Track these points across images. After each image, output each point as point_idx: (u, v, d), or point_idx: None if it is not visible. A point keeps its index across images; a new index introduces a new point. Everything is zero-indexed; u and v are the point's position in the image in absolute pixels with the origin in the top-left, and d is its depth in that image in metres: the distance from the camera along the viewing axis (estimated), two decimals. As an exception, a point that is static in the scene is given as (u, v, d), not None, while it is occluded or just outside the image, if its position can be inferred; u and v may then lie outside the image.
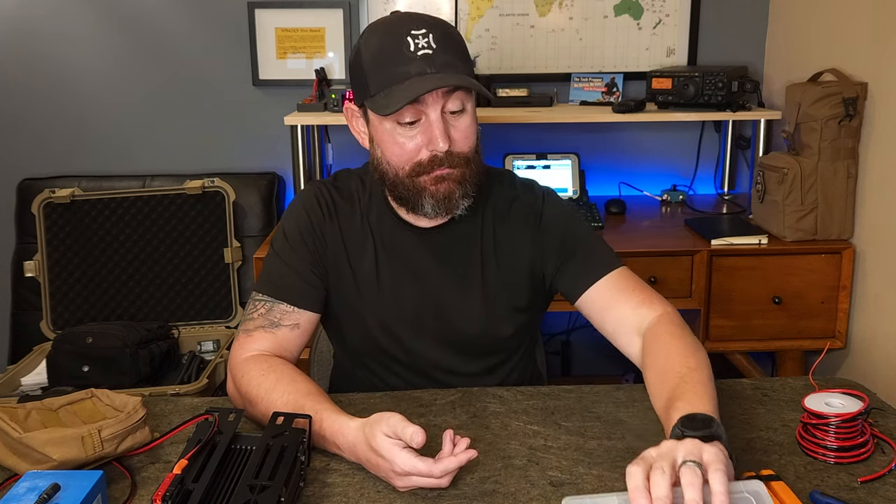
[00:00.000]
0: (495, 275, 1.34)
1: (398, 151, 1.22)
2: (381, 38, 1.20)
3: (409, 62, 1.17)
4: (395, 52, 1.17)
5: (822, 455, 1.09)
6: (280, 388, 1.16)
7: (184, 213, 2.50)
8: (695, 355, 1.16)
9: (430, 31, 1.18)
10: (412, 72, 1.16)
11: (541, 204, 1.37)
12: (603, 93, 2.63)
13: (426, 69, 1.16)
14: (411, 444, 0.99)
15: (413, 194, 1.24)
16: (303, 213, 1.34)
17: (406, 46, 1.17)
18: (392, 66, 1.17)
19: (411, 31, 1.17)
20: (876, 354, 2.11)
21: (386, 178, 1.26)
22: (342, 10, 2.63)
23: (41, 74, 2.67)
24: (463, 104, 1.22)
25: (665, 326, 1.24)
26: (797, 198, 2.15)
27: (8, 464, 1.06)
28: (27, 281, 2.51)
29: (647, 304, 1.28)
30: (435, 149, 1.20)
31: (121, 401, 1.15)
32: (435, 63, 1.17)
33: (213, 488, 0.95)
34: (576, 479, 1.05)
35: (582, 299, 1.33)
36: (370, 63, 1.20)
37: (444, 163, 1.21)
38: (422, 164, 1.22)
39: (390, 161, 1.24)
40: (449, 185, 1.23)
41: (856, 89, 2.10)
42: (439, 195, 1.23)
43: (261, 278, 1.34)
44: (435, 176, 1.22)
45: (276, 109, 2.63)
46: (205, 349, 2.38)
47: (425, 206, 1.25)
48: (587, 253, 1.34)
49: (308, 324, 1.31)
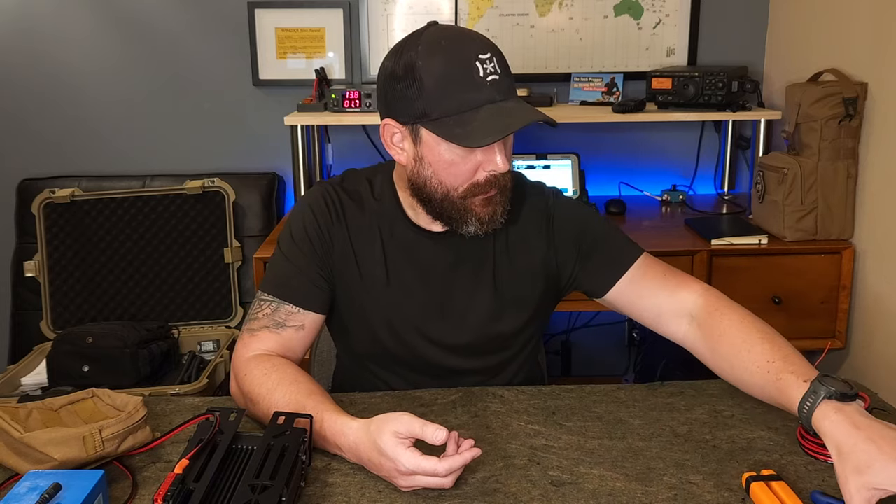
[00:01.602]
0: (506, 277, 1.34)
1: (455, 173, 1.20)
2: (446, 60, 1.15)
3: (479, 89, 1.15)
4: (464, 77, 1.15)
5: (822, 455, 1.09)
6: (282, 387, 1.16)
7: (184, 213, 2.50)
8: (760, 322, 1.23)
9: (494, 56, 1.17)
10: (482, 99, 1.15)
11: (551, 204, 1.37)
12: (603, 93, 2.63)
13: (495, 96, 1.16)
14: (434, 441, 0.99)
15: (461, 214, 1.24)
16: (310, 213, 1.33)
17: (476, 72, 1.15)
18: (462, 91, 1.15)
19: (479, 55, 1.16)
20: (876, 354, 2.11)
21: (433, 197, 1.24)
22: (342, 10, 2.63)
23: (41, 74, 2.67)
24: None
25: (715, 302, 1.28)
26: (797, 198, 2.16)
27: (9, 463, 1.06)
28: (27, 281, 2.51)
29: (684, 286, 1.31)
30: (496, 170, 1.20)
31: (122, 401, 1.15)
32: (501, 89, 1.17)
33: (215, 488, 0.95)
34: (577, 479, 1.06)
35: (611, 294, 1.34)
36: (434, 86, 1.15)
37: (497, 184, 1.22)
38: (478, 185, 1.21)
39: (444, 181, 1.22)
40: (494, 207, 1.24)
41: (856, 89, 2.10)
42: (485, 217, 1.24)
43: (266, 278, 1.34)
44: (486, 197, 1.22)
45: (276, 109, 2.63)
46: (205, 349, 2.38)
47: (469, 227, 1.25)
48: (607, 247, 1.35)
49: (313, 325, 1.30)
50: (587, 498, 1.02)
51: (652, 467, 1.08)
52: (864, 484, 0.92)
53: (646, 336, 2.72)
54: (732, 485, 1.04)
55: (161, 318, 2.47)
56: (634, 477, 1.06)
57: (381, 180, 1.35)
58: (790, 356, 1.14)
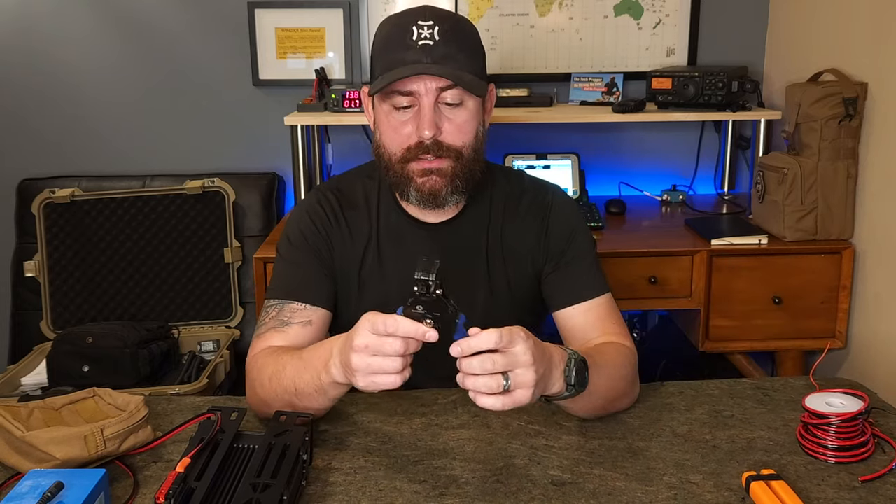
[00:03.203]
0: (501, 272, 1.35)
1: (391, 134, 1.25)
2: (391, 26, 1.24)
3: (408, 50, 1.20)
4: (399, 39, 1.21)
5: (822, 455, 1.10)
6: (289, 360, 1.16)
7: (184, 213, 2.50)
8: (623, 372, 1.22)
9: (438, 24, 1.20)
10: (408, 59, 1.19)
11: (550, 204, 1.38)
12: (603, 93, 2.63)
13: (422, 58, 1.19)
14: (426, 338, 0.96)
15: (402, 181, 1.27)
16: (306, 217, 1.35)
17: (409, 35, 1.20)
18: (393, 52, 1.21)
19: (418, 21, 1.20)
20: (876, 354, 2.11)
21: (382, 161, 1.29)
22: (342, 10, 2.63)
23: (41, 74, 2.67)
24: (462, 99, 1.23)
25: (618, 350, 1.25)
26: (797, 198, 2.16)
27: (11, 462, 1.06)
28: (27, 281, 2.51)
29: (616, 336, 1.30)
30: (421, 135, 1.22)
31: (123, 400, 1.15)
32: (433, 54, 1.19)
33: (216, 487, 0.96)
34: (577, 479, 1.06)
35: (559, 313, 1.35)
36: (377, 48, 1.26)
37: (430, 151, 1.23)
38: (410, 150, 1.24)
39: (386, 145, 1.27)
40: (435, 182, 1.25)
41: (856, 89, 2.10)
42: (425, 189, 1.25)
43: (270, 286, 1.34)
44: (422, 167, 1.24)
45: (276, 109, 2.63)
46: (205, 349, 2.38)
47: (411, 197, 1.27)
48: (580, 271, 1.35)
49: (320, 320, 1.30)
50: (587, 497, 1.02)
51: (652, 467, 1.09)
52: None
53: (646, 336, 2.72)
54: (732, 485, 1.04)
55: (161, 318, 2.46)
56: (634, 477, 1.06)
57: (378, 173, 1.36)
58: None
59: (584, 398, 1.11)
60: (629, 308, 2.32)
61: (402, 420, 1.22)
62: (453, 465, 1.10)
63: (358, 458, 1.12)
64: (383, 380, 0.98)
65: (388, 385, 0.99)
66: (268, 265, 2.12)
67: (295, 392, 1.13)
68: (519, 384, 0.96)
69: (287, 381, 1.14)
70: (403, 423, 1.21)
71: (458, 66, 1.21)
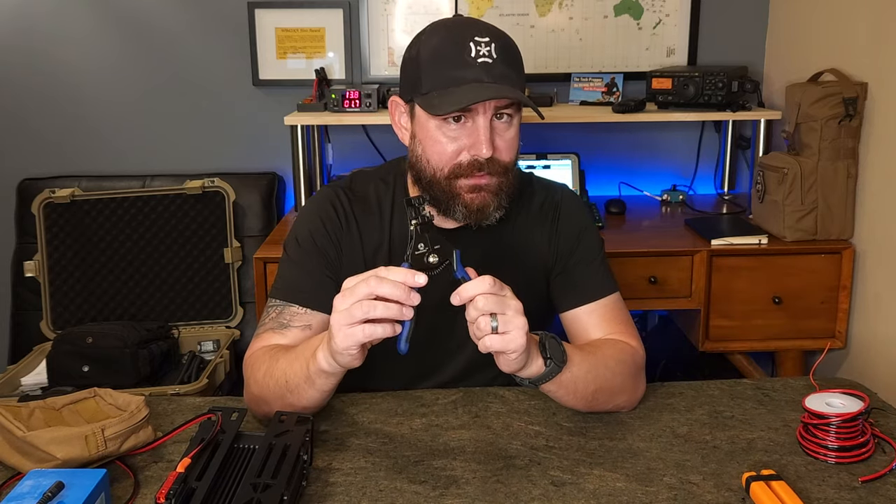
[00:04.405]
0: (514, 276, 1.34)
1: (440, 150, 1.22)
2: (442, 39, 1.20)
3: (467, 67, 1.17)
4: (455, 55, 1.18)
5: (822, 455, 1.10)
6: (283, 355, 1.17)
7: (184, 213, 2.50)
8: (618, 367, 1.23)
9: (494, 41, 1.19)
10: (469, 77, 1.17)
11: (558, 205, 1.38)
12: (603, 93, 2.63)
13: (483, 77, 1.17)
14: (414, 282, 1.00)
15: (448, 197, 1.24)
16: (317, 219, 1.33)
17: (467, 52, 1.17)
18: (450, 68, 1.18)
19: (475, 37, 1.18)
20: (876, 354, 2.11)
21: (423, 176, 1.25)
22: (342, 10, 2.63)
23: (41, 74, 2.67)
24: (511, 116, 1.22)
25: (616, 345, 1.26)
26: (797, 198, 2.16)
27: (11, 462, 1.07)
28: (27, 281, 2.51)
29: (622, 335, 1.31)
30: (478, 154, 1.20)
31: (124, 400, 1.15)
32: (492, 73, 1.17)
33: (217, 487, 0.96)
34: (577, 479, 1.06)
35: (567, 314, 1.35)
36: (428, 61, 1.20)
37: (484, 169, 1.21)
38: (461, 167, 1.21)
39: (430, 160, 1.23)
40: (484, 197, 1.23)
41: (856, 89, 2.10)
42: (473, 206, 1.23)
43: (273, 285, 1.34)
44: (472, 184, 1.22)
45: (276, 109, 2.63)
46: (205, 349, 2.38)
47: (457, 213, 1.25)
48: (588, 272, 1.35)
49: (320, 325, 1.29)
50: (587, 498, 1.02)
51: (652, 467, 1.09)
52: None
53: (646, 336, 2.72)
54: (732, 485, 1.04)
55: (161, 318, 2.47)
56: (635, 477, 1.06)
57: (393, 177, 1.35)
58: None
59: (571, 384, 1.13)
60: (629, 308, 2.30)
61: (403, 420, 1.22)
62: (453, 465, 1.10)
63: (358, 458, 1.12)
64: (364, 330, 1.01)
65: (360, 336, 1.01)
66: (268, 265, 2.12)
67: (286, 384, 1.14)
68: (511, 328, 1.02)
69: (279, 374, 1.15)
70: (404, 424, 1.21)
71: (512, 83, 1.20)
